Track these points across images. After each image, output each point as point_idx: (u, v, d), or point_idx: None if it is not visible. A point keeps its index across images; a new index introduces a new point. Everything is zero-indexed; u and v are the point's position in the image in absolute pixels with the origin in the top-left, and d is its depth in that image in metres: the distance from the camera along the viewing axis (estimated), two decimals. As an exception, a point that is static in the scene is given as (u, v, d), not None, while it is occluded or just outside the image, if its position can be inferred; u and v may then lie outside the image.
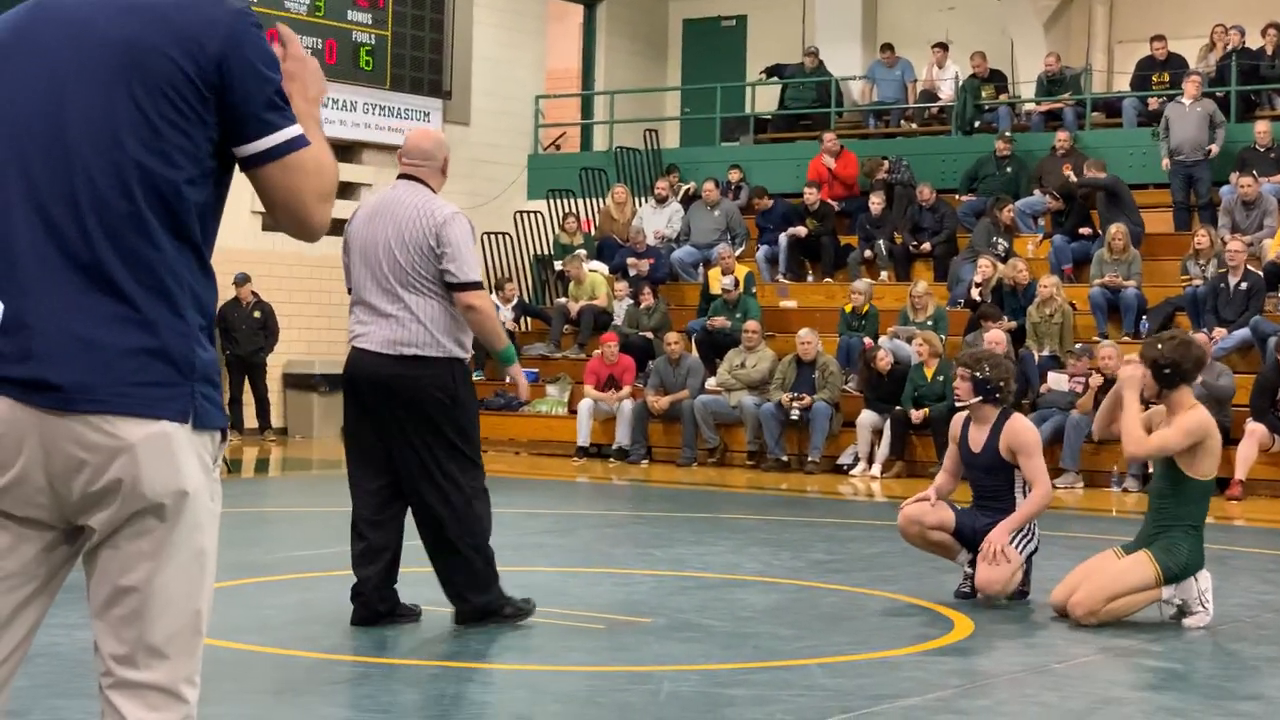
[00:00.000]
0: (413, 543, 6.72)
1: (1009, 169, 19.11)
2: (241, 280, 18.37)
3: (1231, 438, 14.19)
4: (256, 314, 18.57)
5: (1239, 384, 14.77)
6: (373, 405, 6.67)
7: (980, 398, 7.71)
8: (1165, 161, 17.95)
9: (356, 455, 6.80)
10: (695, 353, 17.51)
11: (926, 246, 18.57)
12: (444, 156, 6.85)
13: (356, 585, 6.73)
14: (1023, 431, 7.69)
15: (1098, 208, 17.80)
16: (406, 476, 6.66)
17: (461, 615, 6.75)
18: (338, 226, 21.93)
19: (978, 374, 7.71)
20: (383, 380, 6.60)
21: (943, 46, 21.47)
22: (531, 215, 21.37)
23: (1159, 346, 7.24)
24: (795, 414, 15.73)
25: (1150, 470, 13.94)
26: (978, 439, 7.75)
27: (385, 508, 6.71)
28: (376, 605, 6.71)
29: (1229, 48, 19.11)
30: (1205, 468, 7.21)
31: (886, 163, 19.65)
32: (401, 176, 6.81)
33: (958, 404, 7.89)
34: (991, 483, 7.74)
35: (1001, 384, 7.76)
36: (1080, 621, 7.10)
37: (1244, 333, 15.38)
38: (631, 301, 18.69)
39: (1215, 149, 17.76)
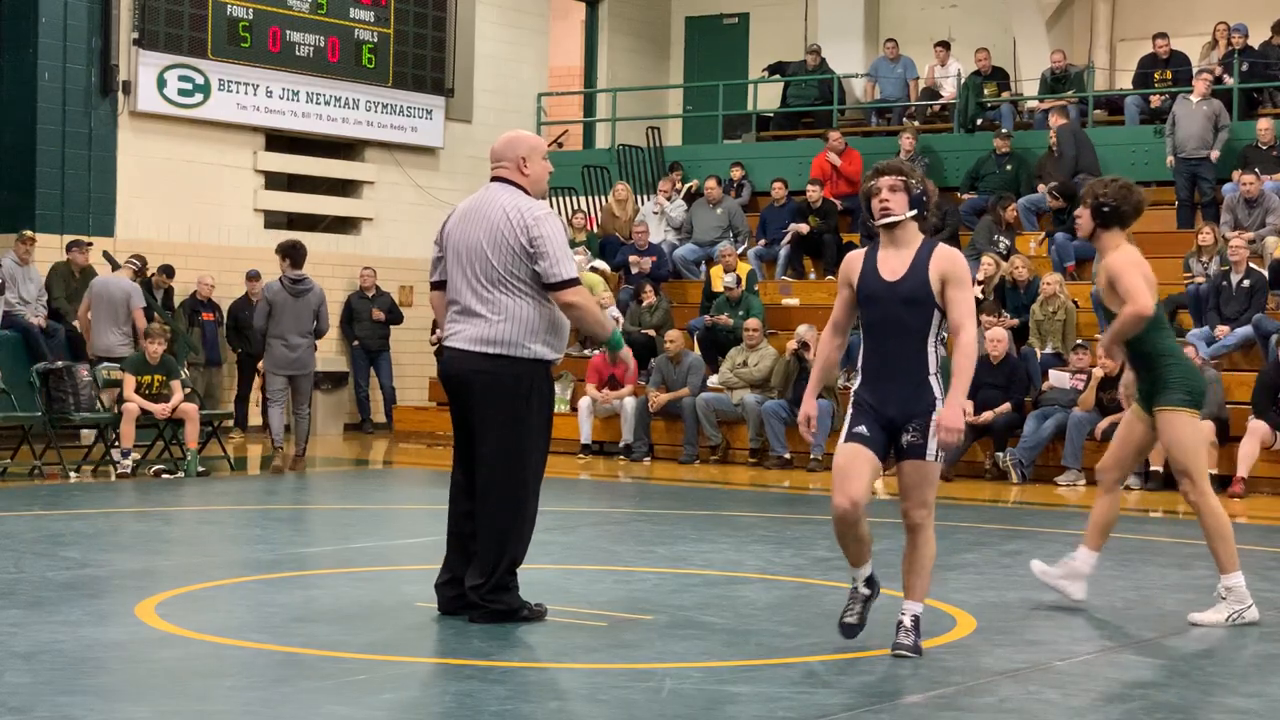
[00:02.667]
0: (419, 539, 6.72)
1: (1009, 166, 19.12)
2: (254, 276, 18.26)
3: (1232, 435, 14.21)
4: None
5: (1242, 381, 14.78)
6: (461, 401, 6.82)
7: (914, 211, 6.37)
8: (1170, 159, 17.94)
9: (456, 452, 6.98)
10: (697, 350, 17.51)
11: (929, 244, 18.54)
12: (518, 155, 6.90)
13: (448, 577, 6.88)
14: (958, 258, 6.34)
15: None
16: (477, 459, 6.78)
17: (470, 610, 6.79)
18: (351, 226, 21.48)
19: (913, 183, 6.37)
20: (466, 376, 6.74)
21: (945, 45, 21.46)
22: (534, 213, 21.33)
23: (1103, 187, 7.26)
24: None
25: (1153, 468, 14.12)
26: (896, 265, 6.31)
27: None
28: (465, 595, 6.80)
29: (1231, 46, 19.11)
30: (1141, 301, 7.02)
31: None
32: (492, 179, 6.94)
33: (887, 220, 6.34)
34: (906, 323, 6.23)
35: (929, 198, 6.47)
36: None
37: (1246, 330, 15.39)
38: (633, 299, 18.68)
39: (1215, 154, 17.74)
